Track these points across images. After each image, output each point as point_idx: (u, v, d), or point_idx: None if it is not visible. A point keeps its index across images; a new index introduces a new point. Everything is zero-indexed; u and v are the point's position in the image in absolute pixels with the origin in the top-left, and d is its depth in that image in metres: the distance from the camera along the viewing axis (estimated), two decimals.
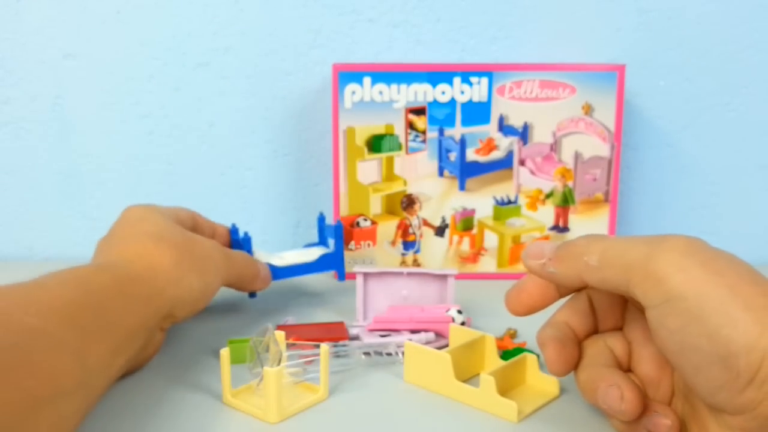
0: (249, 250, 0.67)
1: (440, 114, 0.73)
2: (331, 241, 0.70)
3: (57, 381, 0.40)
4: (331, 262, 0.69)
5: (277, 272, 0.67)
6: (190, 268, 0.55)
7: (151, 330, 0.52)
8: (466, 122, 0.73)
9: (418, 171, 0.75)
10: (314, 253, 0.69)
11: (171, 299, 0.53)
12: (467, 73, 0.72)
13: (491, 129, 0.74)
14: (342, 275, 0.69)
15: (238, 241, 0.67)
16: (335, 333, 0.59)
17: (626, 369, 0.46)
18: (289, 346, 0.55)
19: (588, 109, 0.73)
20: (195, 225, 0.64)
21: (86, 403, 0.44)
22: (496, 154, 0.74)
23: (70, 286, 0.47)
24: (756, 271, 0.40)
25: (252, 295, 0.67)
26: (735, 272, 0.39)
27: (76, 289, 0.47)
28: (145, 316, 0.50)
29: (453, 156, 0.74)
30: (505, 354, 0.56)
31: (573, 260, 0.43)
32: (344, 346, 0.57)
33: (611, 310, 0.47)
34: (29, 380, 0.39)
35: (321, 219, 0.71)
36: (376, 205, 0.75)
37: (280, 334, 0.52)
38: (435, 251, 0.76)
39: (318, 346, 0.51)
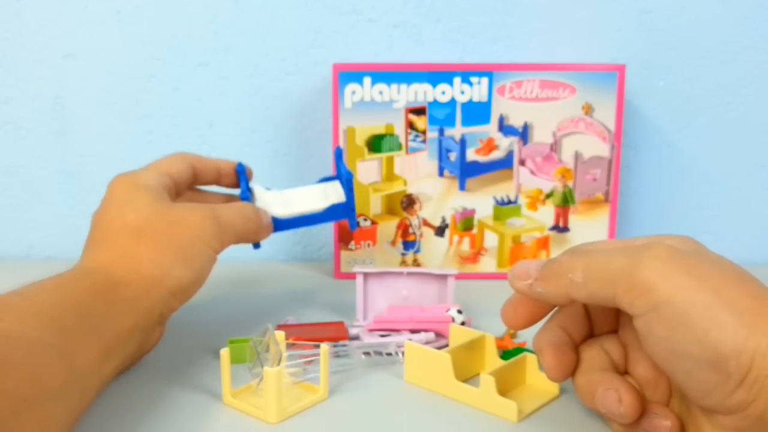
0: (247, 194, 0.62)
1: (440, 114, 0.73)
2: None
3: (41, 382, 0.40)
4: (341, 212, 0.64)
5: (281, 224, 0.62)
6: (175, 260, 0.53)
7: (147, 330, 0.52)
8: (466, 122, 0.73)
9: (418, 171, 0.75)
10: (322, 199, 0.63)
11: (160, 297, 0.52)
12: (467, 73, 0.72)
13: (491, 129, 0.74)
14: (353, 224, 0.64)
15: (245, 184, 0.63)
16: (335, 333, 0.59)
17: (623, 372, 0.46)
18: (288, 346, 0.55)
19: (588, 109, 0.73)
20: (195, 173, 0.61)
21: (77, 405, 0.43)
22: (496, 154, 0.74)
23: (49, 293, 0.47)
24: (742, 271, 0.40)
25: (256, 245, 0.63)
26: (719, 275, 0.39)
27: (56, 295, 0.47)
28: (135, 318, 0.50)
29: (453, 156, 0.74)
30: (505, 354, 0.56)
31: (558, 278, 0.43)
32: (344, 346, 0.57)
33: (606, 314, 0.47)
34: (9, 381, 0.38)
35: (338, 153, 0.66)
36: (376, 205, 0.75)
37: (280, 334, 0.52)
38: (435, 251, 0.76)
39: (318, 346, 0.51)
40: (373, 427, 0.48)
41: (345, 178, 0.64)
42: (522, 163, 0.74)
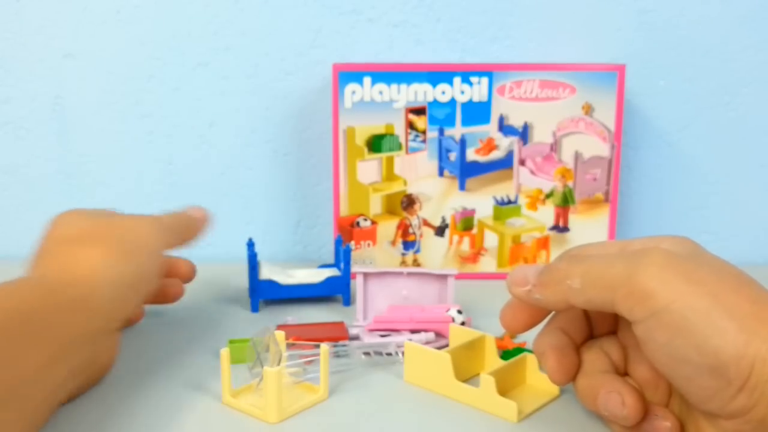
0: (255, 267, 0.67)
1: (440, 114, 0.73)
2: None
3: None
4: (337, 286, 0.68)
5: (280, 290, 0.67)
6: (117, 256, 0.51)
7: (95, 338, 0.49)
8: (466, 122, 0.73)
9: (418, 171, 0.75)
10: (322, 275, 0.68)
11: (106, 294, 0.49)
12: (467, 73, 0.72)
13: (491, 129, 0.74)
14: (347, 301, 0.68)
15: (253, 257, 0.66)
16: (335, 333, 0.59)
17: (623, 373, 0.46)
18: (289, 346, 0.55)
19: (588, 109, 0.73)
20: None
21: (21, 414, 0.41)
22: (496, 154, 0.74)
23: None
24: (741, 274, 0.40)
25: (254, 309, 0.67)
26: (718, 280, 0.39)
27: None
28: (83, 319, 0.48)
29: (453, 156, 0.74)
30: (505, 354, 0.56)
31: (556, 285, 0.43)
32: (344, 346, 0.57)
33: (605, 315, 0.47)
34: None
35: (338, 242, 0.70)
36: (376, 205, 0.75)
37: (280, 334, 0.52)
38: (435, 251, 0.76)
39: (318, 346, 0.51)
40: (373, 427, 0.48)
41: (344, 251, 0.68)
42: (522, 163, 0.74)
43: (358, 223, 0.75)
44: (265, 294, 0.67)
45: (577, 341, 0.47)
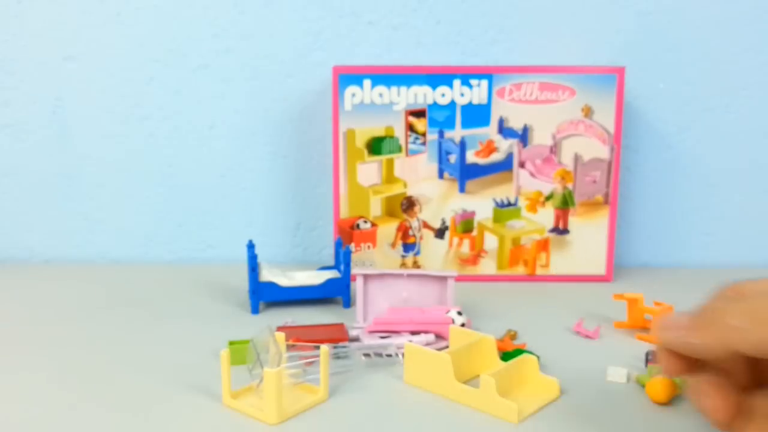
0: (255, 269, 0.66)
1: (440, 116, 0.73)
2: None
3: None
4: (337, 288, 0.68)
5: (280, 292, 0.67)
6: None
7: None
8: (466, 124, 0.73)
9: (418, 173, 0.75)
10: (322, 277, 0.68)
11: None
12: (467, 76, 0.72)
13: (491, 131, 0.74)
14: (347, 302, 0.68)
15: (253, 259, 0.66)
16: (335, 334, 0.59)
17: None
18: (289, 347, 0.55)
19: (588, 112, 0.73)
20: None
21: None
22: (496, 156, 0.74)
23: None
24: None
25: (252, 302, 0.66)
26: None
27: None
28: None
29: (453, 158, 0.74)
30: (505, 355, 0.56)
31: (714, 325, 0.37)
32: (344, 347, 0.57)
33: None
34: None
35: (338, 244, 0.71)
36: (376, 207, 0.75)
37: (280, 336, 0.52)
38: (435, 253, 0.76)
39: (318, 348, 0.51)
40: (373, 428, 0.48)
41: (344, 253, 0.68)
42: (522, 165, 0.74)
43: (358, 225, 0.75)
44: (265, 296, 0.67)
45: (741, 382, 0.41)
